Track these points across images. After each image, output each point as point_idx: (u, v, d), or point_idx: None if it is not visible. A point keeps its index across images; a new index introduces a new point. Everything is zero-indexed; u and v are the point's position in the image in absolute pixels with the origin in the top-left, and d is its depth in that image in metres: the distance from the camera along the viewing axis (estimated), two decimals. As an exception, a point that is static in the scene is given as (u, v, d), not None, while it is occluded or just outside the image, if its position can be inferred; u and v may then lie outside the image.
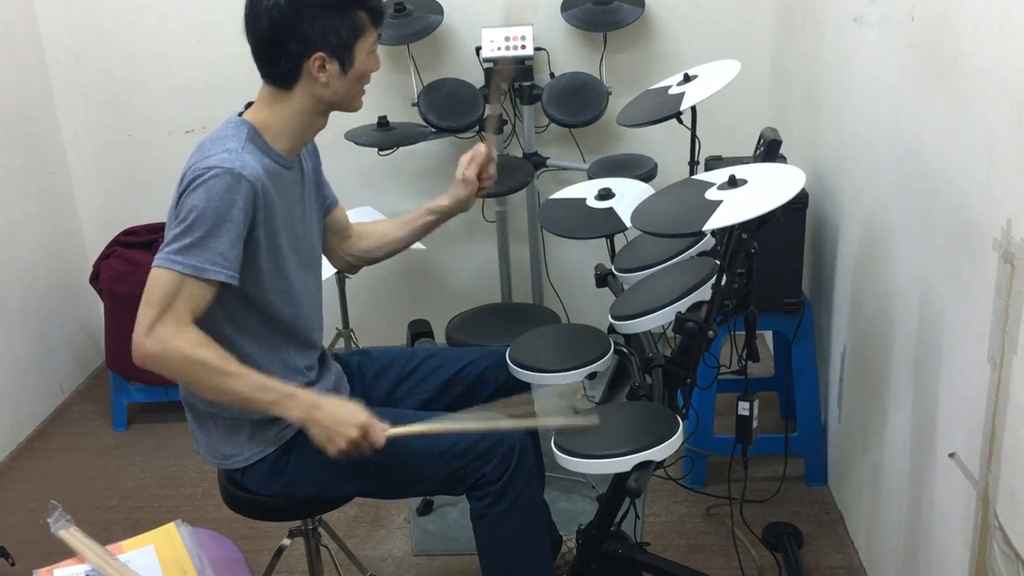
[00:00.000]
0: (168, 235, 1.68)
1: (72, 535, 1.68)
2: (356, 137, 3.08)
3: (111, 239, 3.31)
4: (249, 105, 1.84)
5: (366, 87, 1.85)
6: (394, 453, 1.84)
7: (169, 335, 1.65)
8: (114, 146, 3.62)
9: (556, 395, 1.96)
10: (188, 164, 1.73)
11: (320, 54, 1.72)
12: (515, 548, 1.89)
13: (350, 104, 1.83)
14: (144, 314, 1.66)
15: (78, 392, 3.62)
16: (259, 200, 1.71)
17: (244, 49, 1.76)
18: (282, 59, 1.73)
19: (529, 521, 1.89)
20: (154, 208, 3.54)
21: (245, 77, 1.84)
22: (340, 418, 1.71)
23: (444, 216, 2.14)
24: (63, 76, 3.55)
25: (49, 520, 1.69)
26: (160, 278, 1.66)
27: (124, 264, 3.19)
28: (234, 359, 1.71)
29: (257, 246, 1.74)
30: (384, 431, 1.74)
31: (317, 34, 1.71)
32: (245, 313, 1.79)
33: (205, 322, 1.77)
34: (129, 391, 3.32)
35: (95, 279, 3.27)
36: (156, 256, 1.68)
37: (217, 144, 1.72)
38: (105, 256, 3.26)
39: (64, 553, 1.67)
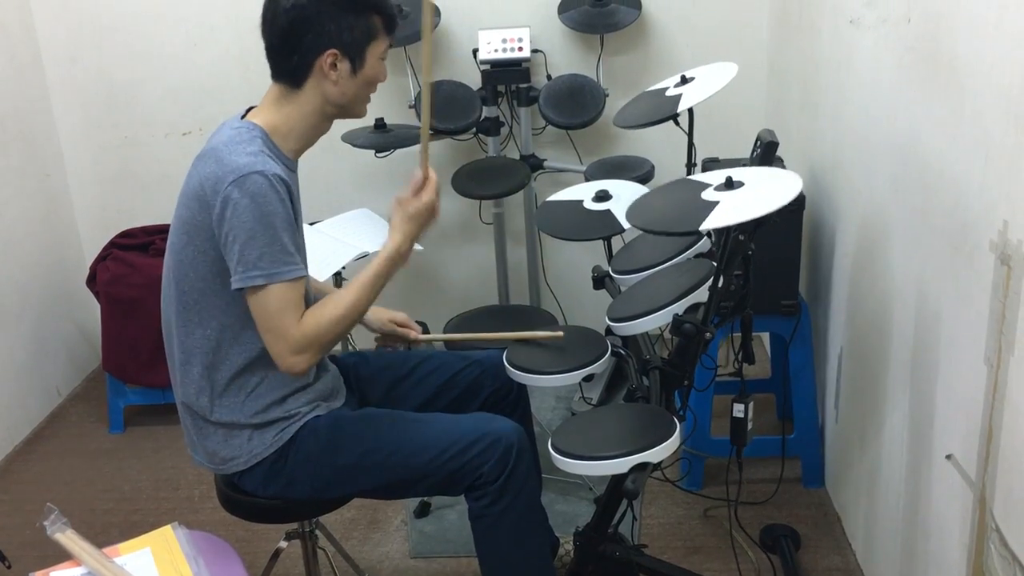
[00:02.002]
0: (233, 254, 1.69)
1: (68, 538, 1.68)
2: (353, 139, 3.08)
3: (108, 241, 3.31)
4: (250, 110, 1.84)
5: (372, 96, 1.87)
6: (393, 452, 1.84)
7: (302, 336, 1.72)
8: (111, 148, 3.62)
9: None
10: (205, 171, 1.72)
11: (334, 51, 1.75)
12: (514, 547, 1.89)
13: (356, 109, 1.85)
14: (277, 344, 1.73)
15: (74, 394, 3.62)
16: (288, 198, 1.73)
17: (240, 51, 1.77)
18: (296, 54, 1.75)
19: (528, 520, 1.89)
20: (151, 210, 3.54)
21: (240, 79, 1.85)
22: (416, 216, 1.86)
23: None
24: (60, 77, 3.55)
25: (45, 523, 1.69)
26: (259, 300, 1.70)
27: (121, 266, 3.19)
28: (332, 296, 1.81)
29: None
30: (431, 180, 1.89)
31: (333, 31, 1.74)
32: (246, 321, 1.78)
33: (204, 334, 1.78)
34: (126, 393, 3.32)
35: (91, 281, 3.27)
36: (235, 279, 1.70)
37: (235, 148, 1.72)
38: (102, 258, 3.26)
39: (60, 556, 1.67)
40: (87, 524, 2.75)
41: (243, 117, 1.82)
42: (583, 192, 2.36)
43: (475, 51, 3.25)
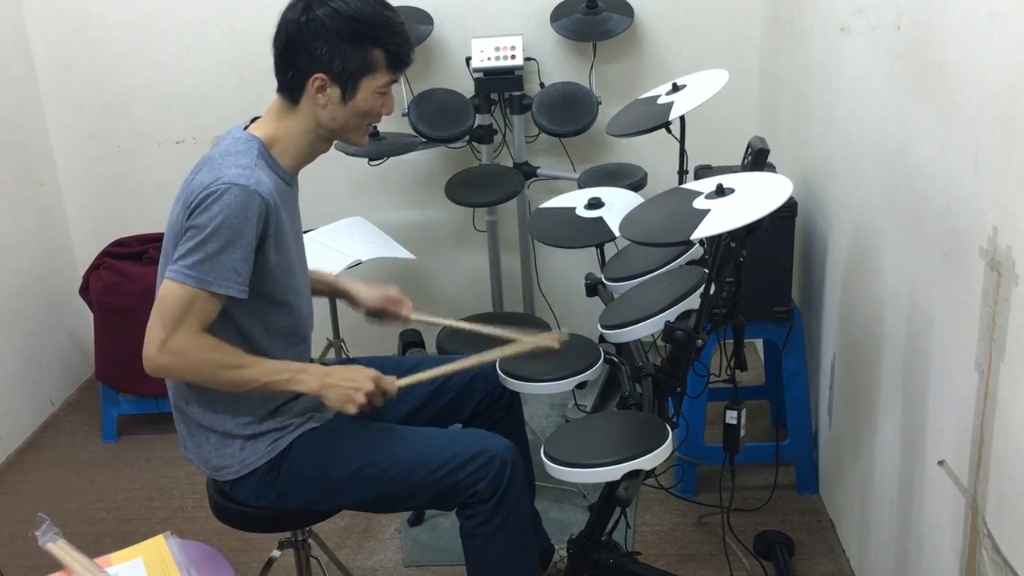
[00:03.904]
0: (181, 248, 1.68)
1: (60, 548, 1.68)
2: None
3: (101, 250, 3.30)
4: (254, 120, 1.85)
5: (375, 125, 1.87)
6: (387, 467, 1.84)
7: (183, 347, 1.69)
8: (104, 157, 3.62)
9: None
10: (196, 179, 1.73)
11: (321, 75, 1.74)
12: (504, 567, 1.89)
13: (348, 136, 1.84)
14: (156, 330, 1.69)
15: (68, 404, 3.61)
16: (271, 216, 1.72)
17: (234, 59, 1.77)
18: (290, 70, 1.76)
19: (518, 540, 1.89)
20: (144, 219, 3.53)
21: (234, 88, 1.85)
22: (352, 376, 1.80)
23: (340, 296, 2.22)
24: (53, 87, 3.55)
25: (37, 533, 1.69)
26: (173, 291, 1.68)
27: (114, 275, 3.18)
28: (243, 352, 1.76)
29: (267, 262, 1.75)
30: (394, 382, 1.85)
31: (325, 56, 1.73)
32: (234, 330, 1.78)
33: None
34: (119, 403, 3.31)
35: (85, 290, 3.26)
36: (169, 268, 1.69)
37: (229, 159, 1.72)
38: (95, 267, 3.25)
39: (52, 566, 1.66)
40: (79, 534, 2.74)
41: (247, 127, 1.83)
42: (576, 199, 2.37)
43: (468, 59, 3.25)
